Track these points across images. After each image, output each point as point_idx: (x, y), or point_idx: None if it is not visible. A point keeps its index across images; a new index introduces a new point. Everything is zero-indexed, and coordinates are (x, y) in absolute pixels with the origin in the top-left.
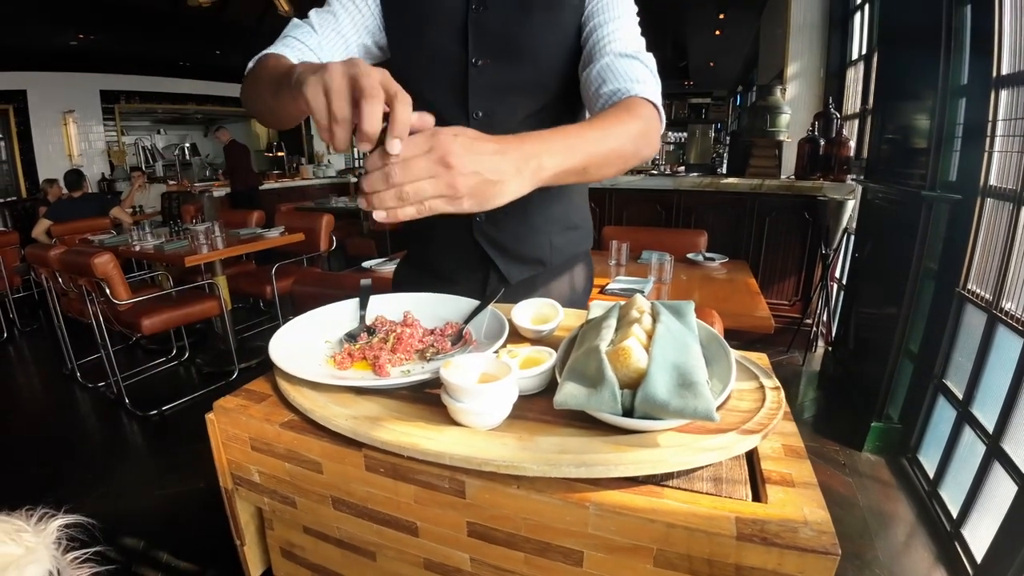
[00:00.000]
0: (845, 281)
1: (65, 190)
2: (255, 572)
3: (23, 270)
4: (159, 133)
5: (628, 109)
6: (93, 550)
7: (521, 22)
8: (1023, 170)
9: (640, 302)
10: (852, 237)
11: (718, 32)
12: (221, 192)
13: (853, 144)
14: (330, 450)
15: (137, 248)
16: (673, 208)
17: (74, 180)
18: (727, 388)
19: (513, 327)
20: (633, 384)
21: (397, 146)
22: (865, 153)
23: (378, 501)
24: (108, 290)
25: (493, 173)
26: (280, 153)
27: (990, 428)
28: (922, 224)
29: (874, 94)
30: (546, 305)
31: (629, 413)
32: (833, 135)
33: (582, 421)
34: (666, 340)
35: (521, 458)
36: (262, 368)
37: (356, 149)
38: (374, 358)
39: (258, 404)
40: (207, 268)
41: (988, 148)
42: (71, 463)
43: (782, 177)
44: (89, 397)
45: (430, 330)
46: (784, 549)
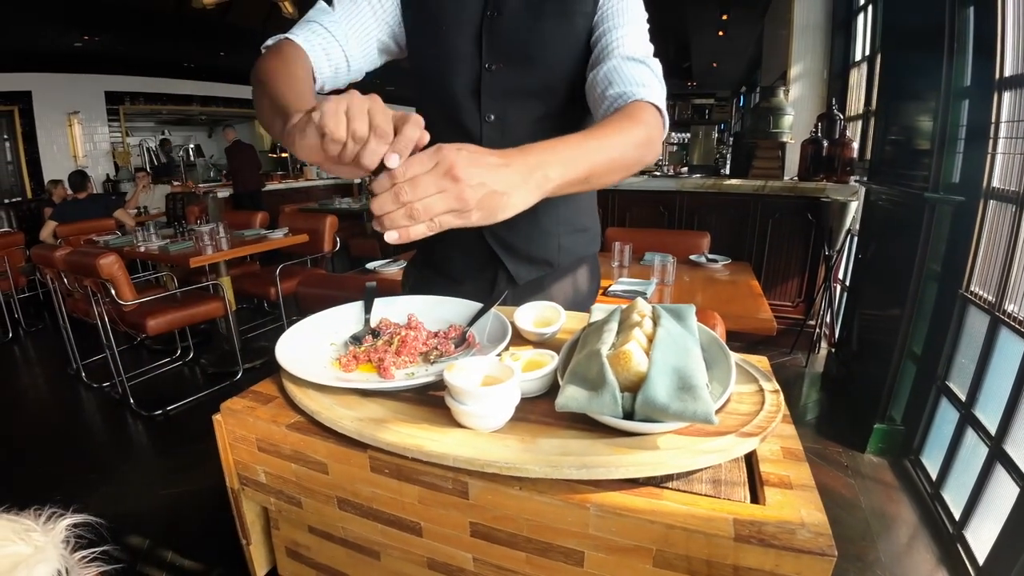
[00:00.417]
0: (848, 283)
1: (70, 191)
2: (260, 571)
3: (28, 270)
4: (164, 134)
5: (631, 116)
6: (101, 549)
7: (533, 28)
8: None
9: (641, 306)
10: (855, 238)
11: (721, 33)
12: (225, 193)
13: (856, 145)
14: (336, 451)
15: (142, 249)
16: (676, 209)
17: (79, 181)
18: (727, 391)
19: (516, 330)
20: (634, 387)
21: (395, 160)
22: (868, 154)
23: (383, 501)
24: (113, 291)
25: (500, 184)
26: (284, 154)
27: (992, 430)
28: (925, 226)
29: (877, 95)
30: (548, 308)
31: (630, 416)
32: (836, 136)
33: (583, 424)
34: (667, 344)
35: (523, 460)
36: (266, 369)
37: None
38: (379, 360)
39: (265, 406)
40: (212, 269)
41: (991, 150)
42: (76, 463)
43: (785, 178)
44: (94, 397)
45: (434, 333)
46: (781, 550)
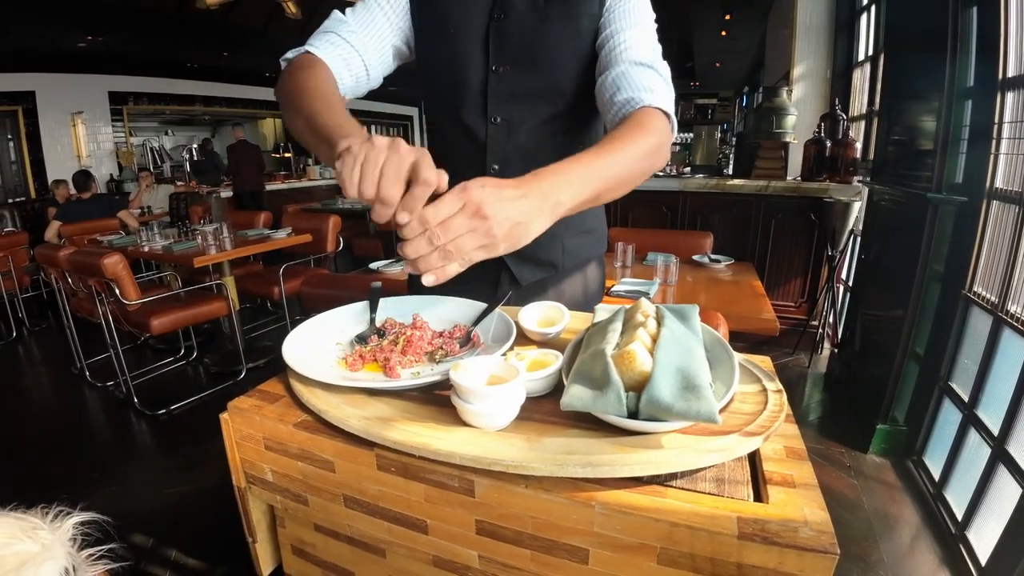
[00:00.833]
0: (851, 283)
1: (73, 191)
2: (266, 569)
3: (33, 270)
4: (167, 134)
5: (639, 125)
6: (107, 547)
7: (539, 31)
8: None
9: (645, 306)
10: (858, 239)
11: (724, 33)
12: (229, 193)
13: (859, 146)
14: (342, 450)
15: (146, 249)
16: (679, 210)
17: (82, 181)
18: (730, 391)
19: (520, 330)
20: (638, 387)
21: (404, 218)
22: (871, 155)
23: (389, 500)
24: (117, 290)
25: (522, 215)
26: (287, 154)
27: (995, 431)
28: (928, 226)
29: (880, 96)
30: (552, 308)
31: (634, 415)
32: (839, 137)
33: (588, 423)
34: (670, 344)
35: (529, 458)
36: (269, 368)
37: None
38: (384, 360)
39: (272, 404)
40: (215, 269)
41: (994, 150)
42: (80, 462)
43: (788, 179)
44: (98, 396)
45: (439, 332)
46: (784, 548)
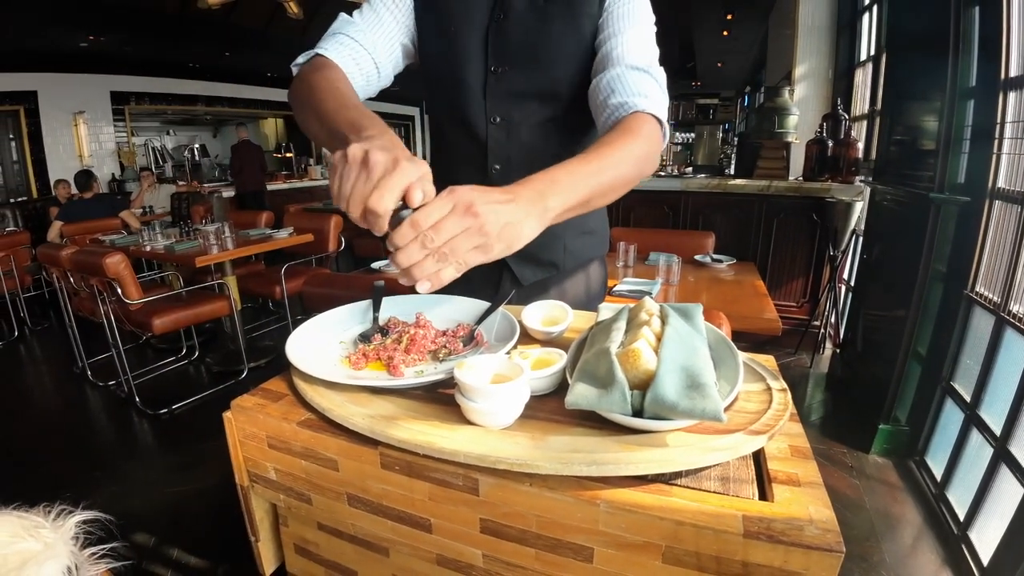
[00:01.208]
0: (853, 283)
1: (75, 191)
2: (269, 568)
3: (34, 269)
4: (169, 134)
5: (630, 130)
6: (109, 546)
7: (539, 31)
8: None
9: (649, 305)
10: (860, 239)
11: (726, 33)
12: (230, 193)
13: (861, 146)
14: (347, 448)
15: (148, 248)
16: (680, 209)
17: (84, 181)
18: (734, 390)
19: (523, 329)
20: (643, 385)
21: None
22: (873, 155)
23: (393, 498)
24: (119, 290)
25: (512, 216)
26: (289, 154)
27: (997, 431)
28: (930, 226)
29: (882, 96)
30: (556, 307)
31: (639, 413)
32: (841, 137)
33: (592, 421)
34: (675, 342)
35: (533, 457)
36: (271, 367)
37: None
38: (388, 359)
39: (275, 403)
40: (217, 268)
41: (996, 150)
42: (82, 461)
43: (790, 179)
44: (100, 396)
45: (442, 331)
46: (790, 547)
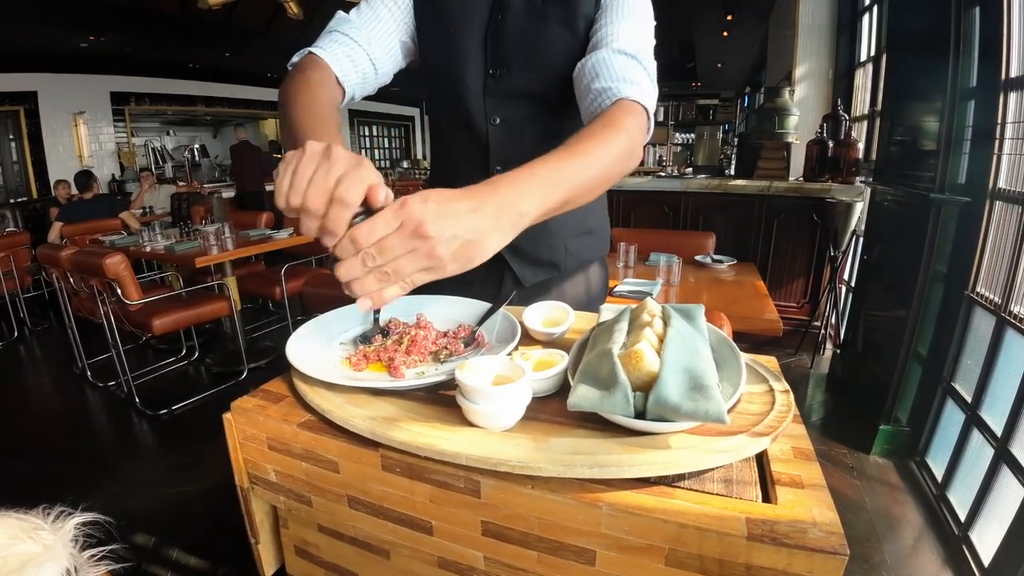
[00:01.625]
0: (853, 283)
1: (75, 191)
2: (269, 570)
3: (34, 270)
4: (168, 135)
5: (612, 122)
6: (109, 548)
7: (537, 32)
8: None
9: (651, 306)
10: (860, 239)
11: (726, 33)
12: (230, 193)
13: (862, 146)
14: (347, 450)
15: (148, 249)
16: (681, 210)
17: (84, 181)
18: (737, 391)
19: (524, 330)
20: (645, 387)
21: (328, 240)
22: (874, 155)
23: (394, 500)
24: (119, 290)
25: (472, 233)
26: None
27: (998, 431)
28: (931, 227)
29: (883, 96)
30: (557, 308)
31: (641, 415)
32: (842, 137)
33: (595, 423)
34: (677, 343)
35: (535, 459)
36: (271, 368)
37: None
38: (389, 360)
39: (275, 405)
40: (217, 269)
41: (997, 151)
42: (81, 462)
43: (790, 179)
44: (99, 396)
45: (443, 332)
46: (793, 549)
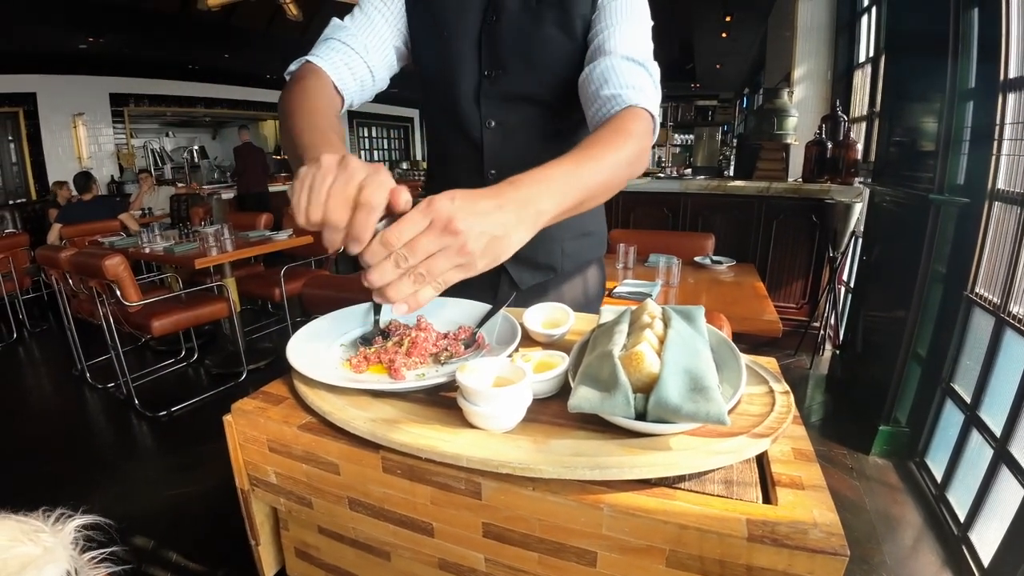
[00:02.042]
0: (853, 284)
1: (75, 192)
2: (269, 572)
3: (33, 271)
4: (168, 136)
5: (622, 129)
6: (109, 550)
7: (533, 33)
8: None
9: (651, 307)
10: (860, 240)
11: (725, 35)
12: (230, 195)
13: (860, 147)
14: (348, 452)
15: (147, 250)
16: (680, 211)
17: (83, 183)
18: (738, 392)
19: (525, 331)
20: (646, 388)
21: (355, 248)
22: (873, 156)
23: (394, 502)
24: (118, 292)
25: (499, 228)
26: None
27: (998, 432)
28: (930, 227)
29: (881, 97)
30: (557, 309)
31: (642, 417)
32: (840, 138)
33: (595, 424)
34: (678, 345)
35: (536, 460)
36: (271, 369)
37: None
38: (389, 362)
39: (276, 406)
40: (216, 270)
41: (996, 151)
42: (81, 464)
43: (789, 180)
44: (99, 398)
45: (443, 334)
46: (794, 550)
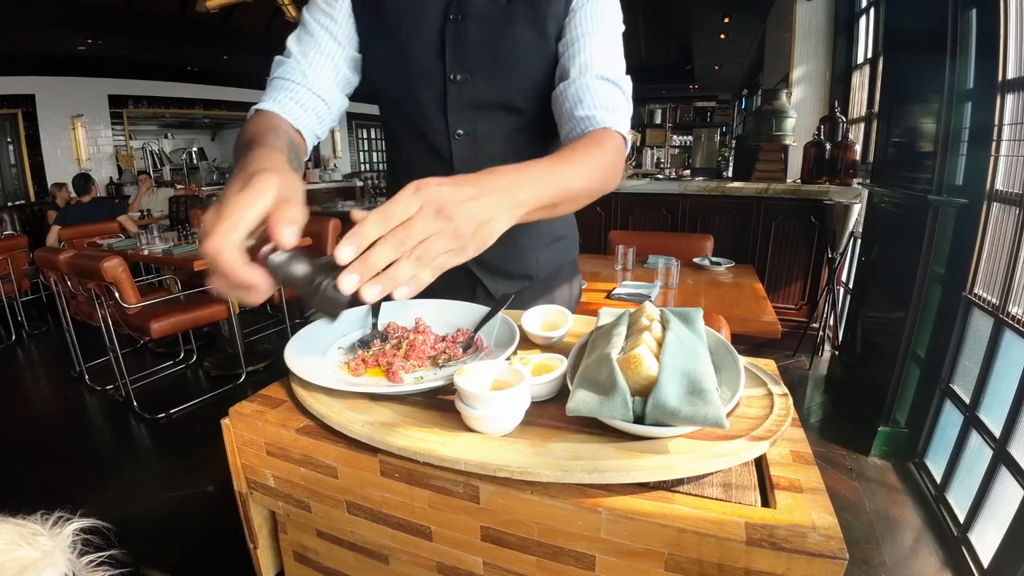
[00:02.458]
0: (851, 285)
1: (74, 194)
2: (268, 575)
3: (32, 273)
4: (167, 137)
5: (599, 143)
6: (107, 553)
7: (504, 34)
8: None
9: (650, 310)
10: (858, 241)
11: (723, 36)
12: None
13: (859, 148)
14: (346, 455)
15: (146, 252)
16: (679, 212)
17: (82, 184)
18: (736, 395)
19: (523, 333)
20: (644, 391)
21: (288, 235)
22: (871, 157)
23: (392, 506)
24: (117, 294)
25: (485, 213)
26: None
27: (997, 432)
28: (928, 228)
29: (880, 98)
30: (555, 312)
31: (640, 420)
32: (839, 139)
33: (593, 428)
34: (676, 348)
35: (534, 464)
36: (269, 371)
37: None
38: (387, 365)
39: (274, 410)
40: None
41: (994, 152)
42: (79, 466)
43: (788, 181)
44: (97, 400)
45: (441, 337)
46: (793, 554)
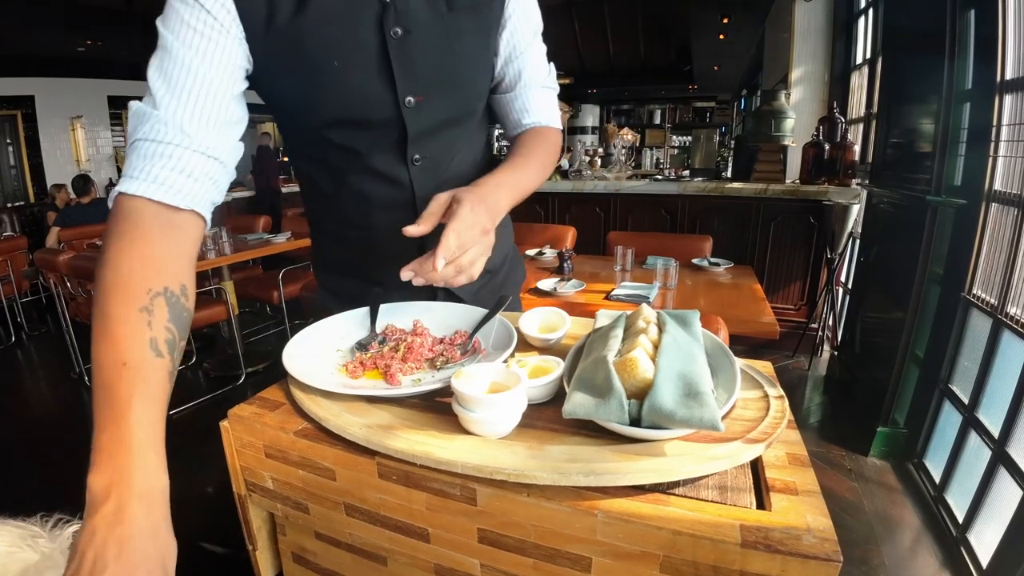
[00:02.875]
0: (851, 286)
1: (73, 195)
2: None
3: (32, 274)
4: None
5: (546, 140)
6: None
7: (454, 48)
8: None
9: (646, 312)
10: (857, 242)
11: (722, 36)
12: (228, 197)
13: (858, 148)
14: (344, 458)
15: None
16: (678, 213)
17: (82, 185)
18: (732, 398)
19: (520, 336)
20: (640, 394)
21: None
22: (870, 157)
23: (390, 508)
24: None
25: (491, 224)
26: (284, 158)
27: (996, 433)
28: (927, 229)
29: (879, 98)
30: (553, 314)
31: (636, 422)
32: (838, 139)
33: (590, 430)
34: (672, 350)
35: (531, 466)
36: (269, 372)
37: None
38: (385, 367)
39: (272, 412)
40: (214, 273)
41: (993, 153)
42: (79, 467)
43: (787, 182)
44: None
45: (439, 339)
46: (787, 556)
